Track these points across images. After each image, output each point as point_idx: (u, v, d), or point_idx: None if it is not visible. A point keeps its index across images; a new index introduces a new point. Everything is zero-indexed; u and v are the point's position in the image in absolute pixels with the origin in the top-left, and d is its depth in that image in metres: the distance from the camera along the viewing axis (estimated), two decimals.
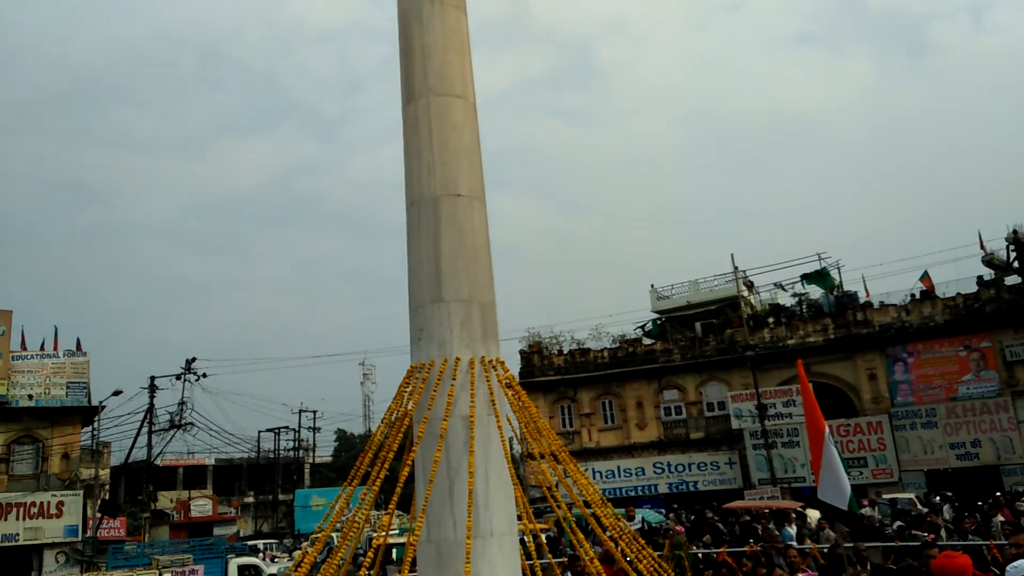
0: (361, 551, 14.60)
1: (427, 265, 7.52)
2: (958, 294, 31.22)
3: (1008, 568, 4.89)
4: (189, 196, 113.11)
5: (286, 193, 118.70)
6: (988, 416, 29.21)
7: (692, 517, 22.31)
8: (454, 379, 6.68)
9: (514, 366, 37.30)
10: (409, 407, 6.70)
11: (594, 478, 33.51)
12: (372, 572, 6.53)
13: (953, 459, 29.54)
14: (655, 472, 34.77)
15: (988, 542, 8.57)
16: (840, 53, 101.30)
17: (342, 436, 65.52)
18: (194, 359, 38.15)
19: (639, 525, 12.48)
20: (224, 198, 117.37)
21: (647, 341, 38.82)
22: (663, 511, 26.34)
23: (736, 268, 36.95)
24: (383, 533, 7.34)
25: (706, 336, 36.24)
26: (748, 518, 18.34)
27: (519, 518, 11.69)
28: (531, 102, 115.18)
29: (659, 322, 40.02)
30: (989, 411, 29.22)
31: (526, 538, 7.21)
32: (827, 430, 6.55)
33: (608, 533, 7.11)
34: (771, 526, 17.20)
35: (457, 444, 6.46)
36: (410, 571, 6.15)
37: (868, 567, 7.60)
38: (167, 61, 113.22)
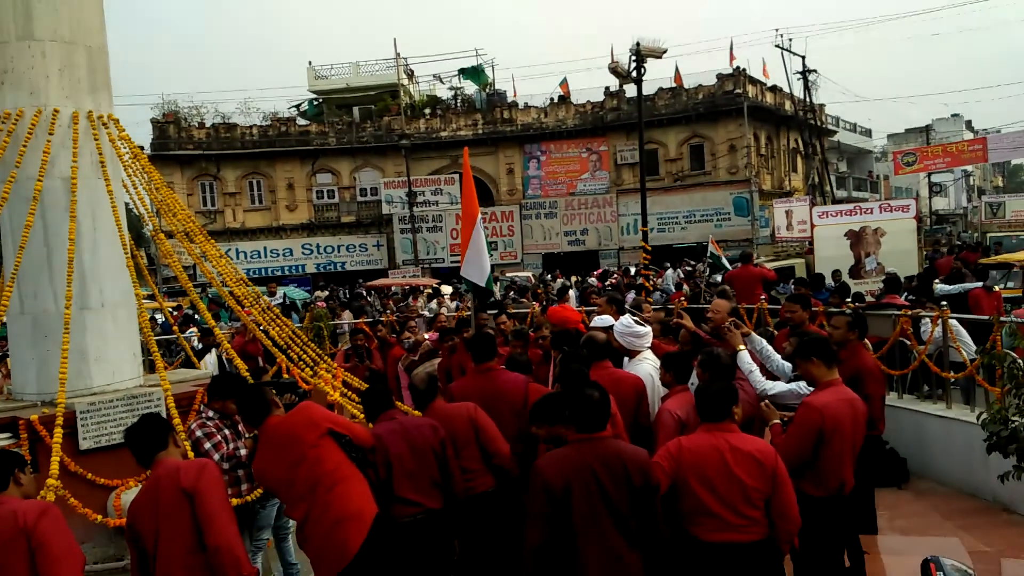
0: None
1: None
2: (588, 102, 34.90)
3: None
4: None
5: None
6: (597, 209, 34.21)
7: (348, 294, 23.46)
8: (51, 134, 5.65)
9: (144, 136, 33.32)
10: None
11: (238, 258, 32.64)
12: None
13: (565, 244, 34.46)
14: (303, 253, 34.96)
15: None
16: None
17: None
18: None
19: (280, 300, 12.57)
20: None
21: (302, 122, 37.22)
22: (309, 289, 26.94)
23: (398, 55, 36.38)
24: None
25: (363, 121, 35.87)
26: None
27: (152, 296, 10.96)
28: None
29: (316, 103, 38.42)
30: (598, 205, 34.20)
31: (161, 315, 6.76)
32: (479, 215, 6.92)
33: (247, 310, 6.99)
34: (410, 299, 18.68)
35: (56, 209, 5.60)
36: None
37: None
38: None
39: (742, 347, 4.88)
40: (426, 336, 7.96)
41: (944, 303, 7.68)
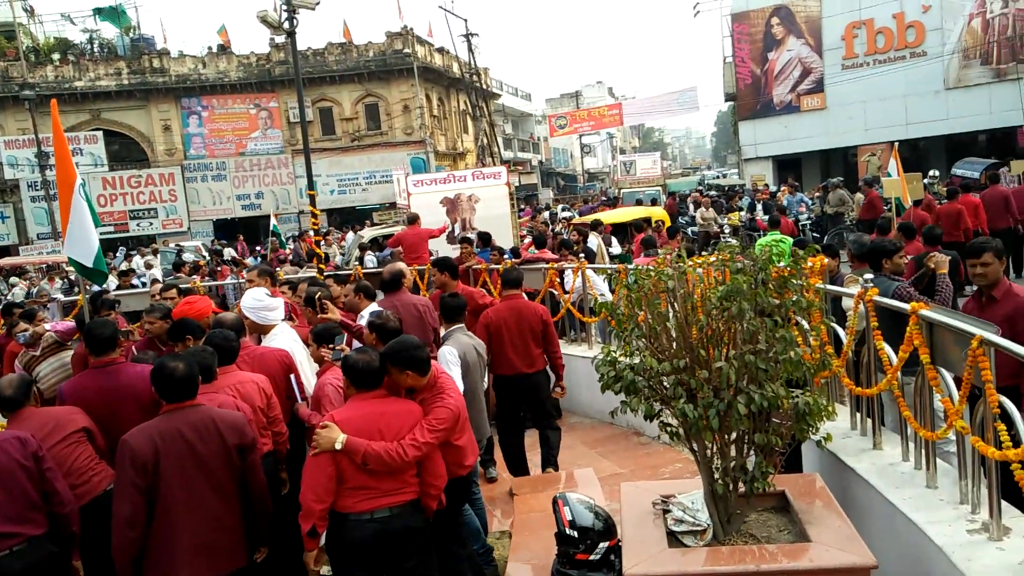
0: None
1: None
2: (252, 53, 32.72)
3: None
4: None
5: None
6: (272, 171, 32.50)
7: None
8: None
9: None
10: None
11: None
12: None
13: (239, 209, 32.29)
14: None
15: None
16: None
17: None
18: None
19: None
20: None
21: None
22: None
23: None
24: None
25: None
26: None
27: None
28: None
29: None
30: (272, 166, 32.50)
31: None
32: (78, 180, 5.81)
33: None
34: (44, 282, 16.10)
35: None
36: None
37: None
38: None
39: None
40: (47, 327, 6.71)
41: (583, 255, 8.50)
